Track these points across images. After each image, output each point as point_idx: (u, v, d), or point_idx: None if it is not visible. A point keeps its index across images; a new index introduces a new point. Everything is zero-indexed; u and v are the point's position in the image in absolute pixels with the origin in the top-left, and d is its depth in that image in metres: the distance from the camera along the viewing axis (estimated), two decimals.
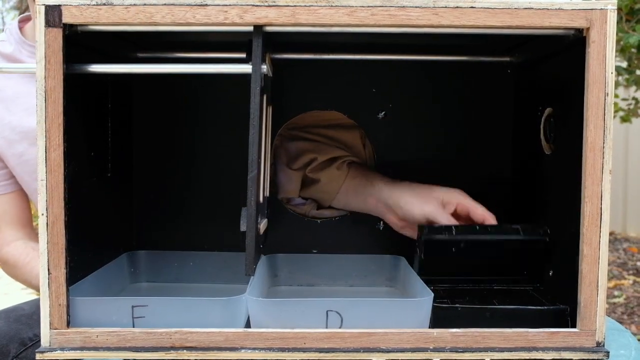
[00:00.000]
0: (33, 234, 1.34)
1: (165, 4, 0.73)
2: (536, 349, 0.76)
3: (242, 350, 0.76)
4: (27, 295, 3.29)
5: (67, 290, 0.75)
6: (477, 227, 0.89)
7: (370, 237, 1.09)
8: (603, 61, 0.74)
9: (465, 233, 0.89)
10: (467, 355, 0.76)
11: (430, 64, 1.06)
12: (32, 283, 1.29)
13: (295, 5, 0.73)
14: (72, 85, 0.75)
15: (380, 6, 0.74)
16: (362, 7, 0.74)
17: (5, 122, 1.26)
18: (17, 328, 1.19)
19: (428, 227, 0.90)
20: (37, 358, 0.75)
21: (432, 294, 0.80)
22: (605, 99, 0.74)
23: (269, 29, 0.75)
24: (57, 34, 0.73)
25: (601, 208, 0.75)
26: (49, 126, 0.73)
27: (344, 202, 1.07)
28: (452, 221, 0.95)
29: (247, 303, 0.79)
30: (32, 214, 1.36)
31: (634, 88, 2.99)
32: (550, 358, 0.76)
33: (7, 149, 1.27)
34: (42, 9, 0.72)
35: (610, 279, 3.56)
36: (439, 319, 0.81)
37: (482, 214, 0.96)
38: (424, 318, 0.79)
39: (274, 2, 0.73)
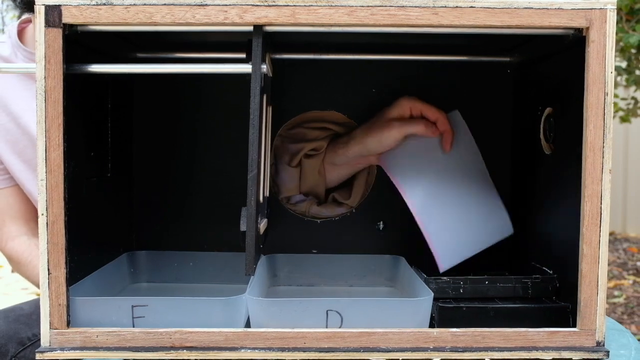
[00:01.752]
0: (38, 229, 1.34)
1: (165, 4, 0.73)
2: (536, 349, 0.76)
3: (242, 350, 0.76)
4: (27, 295, 3.30)
5: (67, 290, 0.75)
6: (486, 282, 0.87)
7: (370, 237, 1.09)
8: (603, 61, 0.74)
9: (474, 294, 0.87)
10: (467, 354, 0.76)
11: (429, 64, 1.06)
12: (33, 281, 1.29)
13: (295, 5, 0.73)
14: (72, 85, 0.75)
15: (380, 6, 0.74)
16: (362, 6, 0.74)
17: (1, 124, 1.26)
18: (16, 328, 1.19)
19: (435, 284, 0.87)
20: (37, 358, 0.75)
21: (432, 294, 0.80)
22: (605, 99, 0.74)
23: (268, 28, 0.75)
24: (57, 34, 0.73)
25: (601, 207, 0.75)
26: (48, 126, 0.73)
27: (335, 179, 1.08)
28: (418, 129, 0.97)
29: (247, 303, 0.79)
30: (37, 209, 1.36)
31: (633, 88, 2.99)
32: (550, 358, 0.76)
33: (5, 150, 1.27)
34: (42, 9, 0.72)
35: (610, 279, 3.56)
36: (444, 319, 0.81)
37: (434, 114, 0.98)
38: (424, 318, 0.79)
39: (274, 2, 0.73)
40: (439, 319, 0.82)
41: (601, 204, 0.75)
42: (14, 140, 1.26)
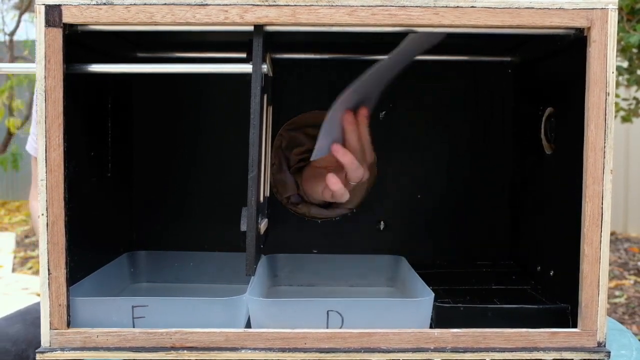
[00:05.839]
0: None
1: (165, 4, 0.73)
2: (537, 349, 0.76)
3: (243, 351, 0.75)
4: (27, 295, 3.29)
5: (67, 290, 0.75)
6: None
7: (371, 237, 1.08)
8: (604, 61, 0.73)
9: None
10: (468, 355, 0.76)
11: (430, 64, 1.06)
12: None
13: (295, 5, 0.73)
14: (72, 85, 0.75)
15: (381, 6, 0.74)
16: (363, 6, 0.74)
17: None
18: (35, 332, 1.18)
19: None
20: (37, 358, 0.75)
21: (433, 294, 0.80)
22: (606, 99, 0.74)
23: (269, 28, 0.75)
24: (57, 33, 0.73)
25: (602, 208, 0.75)
26: (49, 126, 0.73)
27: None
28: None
29: (247, 303, 0.79)
30: None
31: (634, 88, 2.99)
32: (551, 358, 0.76)
33: None
34: (42, 8, 0.72)
35: (611, 279, 3.56)
36: (441, 319, 0.81)
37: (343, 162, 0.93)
38: (425, 318, 0.79)
39: (275, 1, 0.73)
40: (436, 318, 0.81)
41: (602, 204, 0.75)
42: None
